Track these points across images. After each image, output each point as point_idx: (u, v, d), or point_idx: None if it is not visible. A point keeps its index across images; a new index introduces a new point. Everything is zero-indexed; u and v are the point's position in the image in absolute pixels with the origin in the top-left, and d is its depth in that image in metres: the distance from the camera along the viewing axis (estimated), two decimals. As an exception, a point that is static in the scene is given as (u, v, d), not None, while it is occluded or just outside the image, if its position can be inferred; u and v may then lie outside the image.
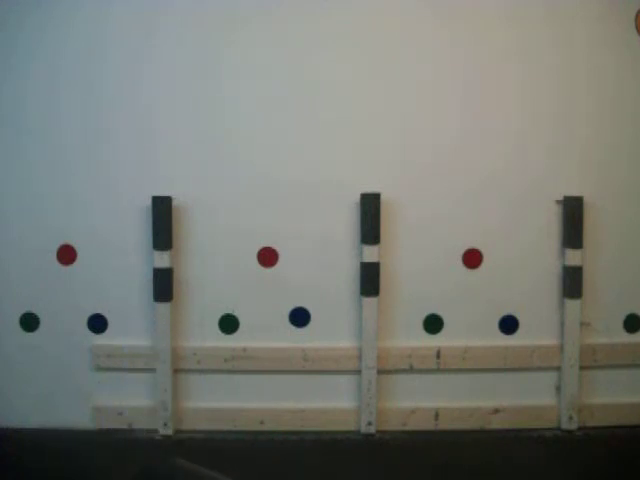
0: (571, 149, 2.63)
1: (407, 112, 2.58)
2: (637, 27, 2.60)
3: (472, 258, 2.63)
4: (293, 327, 2.63)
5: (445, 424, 2.62)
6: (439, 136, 2.58)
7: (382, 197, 2.56)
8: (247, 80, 2.57)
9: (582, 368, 2.64)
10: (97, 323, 2.62)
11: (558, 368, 2.66)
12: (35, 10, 2.54)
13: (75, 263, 2.62)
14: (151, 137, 2.58)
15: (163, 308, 2.57)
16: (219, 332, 2.63)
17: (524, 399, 2.67)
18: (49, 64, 2.56)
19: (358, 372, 2.61)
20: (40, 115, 2.58)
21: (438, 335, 2.65)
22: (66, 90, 2.57)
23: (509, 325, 2.67)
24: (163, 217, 2.54)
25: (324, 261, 2.61)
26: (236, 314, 2.63)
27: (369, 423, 2.60)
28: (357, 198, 2.56)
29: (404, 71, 2.58)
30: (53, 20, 2.55)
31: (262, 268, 2.62)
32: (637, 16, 2.59)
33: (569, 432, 2.65)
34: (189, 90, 2.57)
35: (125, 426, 2.61)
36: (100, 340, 2.62)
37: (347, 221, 2.59)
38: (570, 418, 2.64)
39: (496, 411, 2.66)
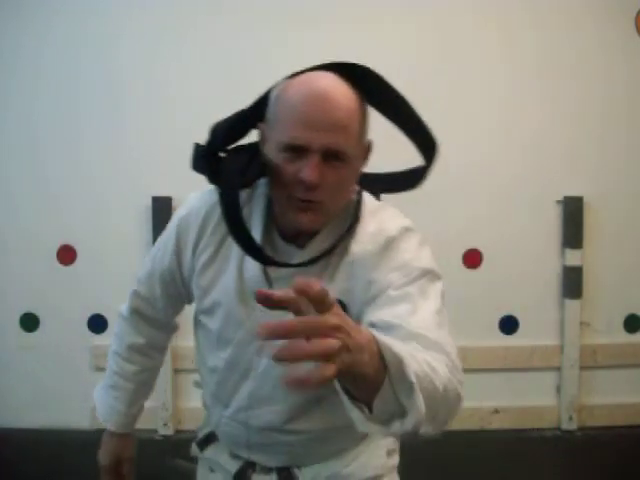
0: (571, 149, 2.63)
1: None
2: (637, 27, 2.60)
3: (472, 258, 2.63)
4: (293, 327, 2.63)
5: (445, 424, 2.62)
6: (439, 136, 2.57)
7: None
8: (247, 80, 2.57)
9: (582, 368, 2.64)
10: (97, 323, 2.62)
11: (558, 368, 2.66)
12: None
13: (75, 263, 2.62)
14: (151, 137, 2.58)
15: (163, 308, 2.57)
16: (219, 332, 2.62)
17: (524, 399, 2.67)
18: (62, 62, 2.56)
19: (358, 372, 2.61)
20: (36, 116, 2.58)
21: (438, 335, 2.65)
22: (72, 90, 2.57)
23: (509, 325, 2.67)
24: (163, 217, 2.54)
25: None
26: (236, 314, 2.63)
27: (369, 423, 2.59)
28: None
29: (401, 70, 2.57)
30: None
31: (262, 268, 2.61)
32: (637, 16, 2.59)
33: (569, 432, 2.65)
34: (189, 90, 2.57)
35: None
36: (100, 340, 2.61)
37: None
38: (570, 418, 2.64)
39: (496, 411, 2.66)
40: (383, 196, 1.42)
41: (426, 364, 0.90)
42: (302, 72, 1.20)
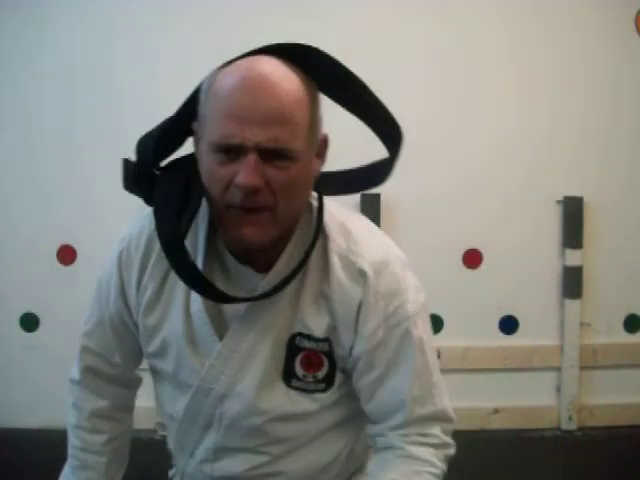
0: (571, 149, 2.62)
1: (407, 112, 2.56)
2: (637, 27, 2.60)
3: (472, 258, 2.63)
4: (293, 327, 2.63)
5: (445, 424, 2.61)
6: (439, 136, 2.57)
7: (382, 197, 2.55)
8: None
9: (582, 368, 2.64)
10: (97, 323, 2.61)
11: (558, 368, 2.66)
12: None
13: (75, 263, 2.61)
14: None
15: (163, 308, 2.56)
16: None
17: (524, 399, 2.67)
18: (60, 62, 2.56)
19: (358, 372, 2.60)
20: (35, 116, 2.58)
21: (438, 335, 2.64)
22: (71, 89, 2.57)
23: (509, 325, 2.67)
24: (163, 217, 2.54)
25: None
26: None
27: (369, 423, 2.59)
28: (357, 198, 2.56)
29: (403, 70, 2.58)
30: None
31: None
32: (637, 16, 2.59)
33: (569, 432, 2.65)
34: (188, 89, 2.57)
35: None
36: (100, 340, 2.61)
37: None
38: (570, 418, 2.64)
39: (496, 411, 2.66)
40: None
41: None
42: (239, 58, 1.01)
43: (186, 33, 2.54)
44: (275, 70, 0.96)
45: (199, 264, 1.05)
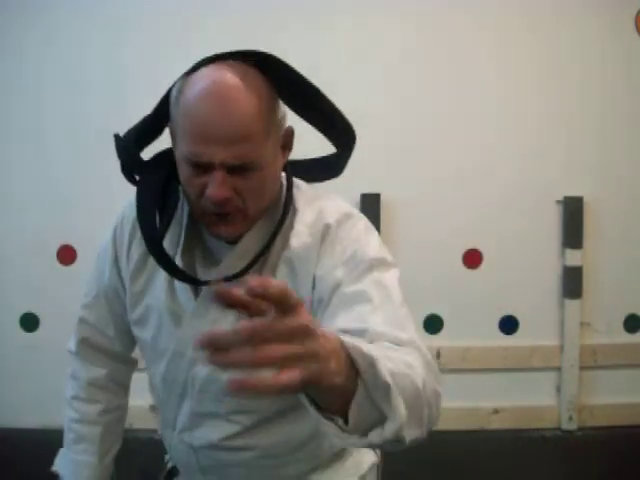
0: (571, 149, 2.62)
1: (407, 112, 2.57)
2: (637, 27, 2.60)
3: (472, 258, 2.63)
4: (293, 327, 2.62)
5: (445, 424, 2.61)
6: (439, 136, 2.57)
7: (382, 197, 2.55)
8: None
9: (582, 368, 2.64)
10: (97, 323, 2.62)
11: (558, 368, 2.66)
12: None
13: (75, 263, 2.62)
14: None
15: (163, 308, 2.56)
16: (219, 332, 2.61)
17: (524, 399, 2.67)
18: (67, 63, 2.56)
19: (358, 372, 2.60)
20: (36, 116, 2.58)
21: (438, 335, 2.65)
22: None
23: (509, 325, 2.67)
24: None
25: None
26: (236, 314, 2.62)
27: (369, 423, 2.59)
28: (357, 198, 2.56)
29: (402, 70, 2.58)
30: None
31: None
32: (637, 16, 2.59)
33: (569, 432, 2.65)
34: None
35: (125, 426, 2.60)
36: (100, 340, 2.61)
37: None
38: (570, 418, 2.64)
39: (496, 411, 2.66)
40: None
41: (402, 361, 0.81)
42: (203, 63, 1.08)
43: (195, 37, 2.52)
44: (237, 83, 1.01)
45: (181, 244, 1.14)
